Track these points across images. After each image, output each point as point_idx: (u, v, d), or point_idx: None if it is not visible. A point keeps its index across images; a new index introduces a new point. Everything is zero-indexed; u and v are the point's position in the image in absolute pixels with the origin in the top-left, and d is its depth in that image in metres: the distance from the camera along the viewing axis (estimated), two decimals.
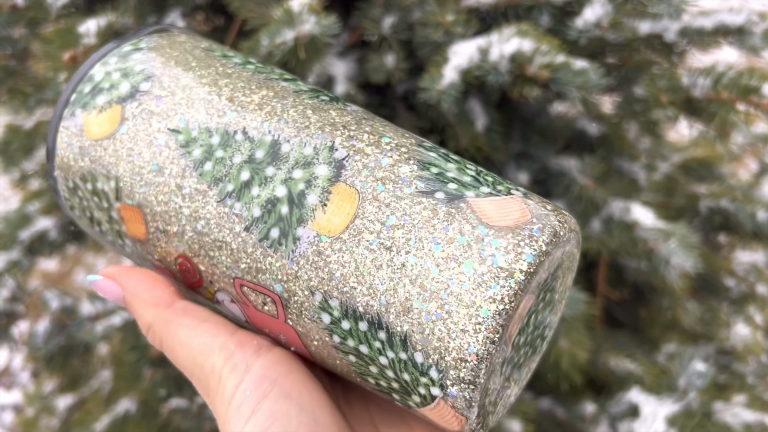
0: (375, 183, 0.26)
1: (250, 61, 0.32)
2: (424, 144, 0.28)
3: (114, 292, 0.30)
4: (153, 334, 0.29)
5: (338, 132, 0.28)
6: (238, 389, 0.26)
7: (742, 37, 0.64)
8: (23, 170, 0.89)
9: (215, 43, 0.34)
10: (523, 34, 0.51)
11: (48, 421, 1.04)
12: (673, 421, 0.61)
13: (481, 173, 0.27)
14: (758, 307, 0.85)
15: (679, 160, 0.87)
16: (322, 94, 0.30)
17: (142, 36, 0.33)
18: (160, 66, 0.31)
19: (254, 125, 0.28)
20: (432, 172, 0.26)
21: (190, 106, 0.29)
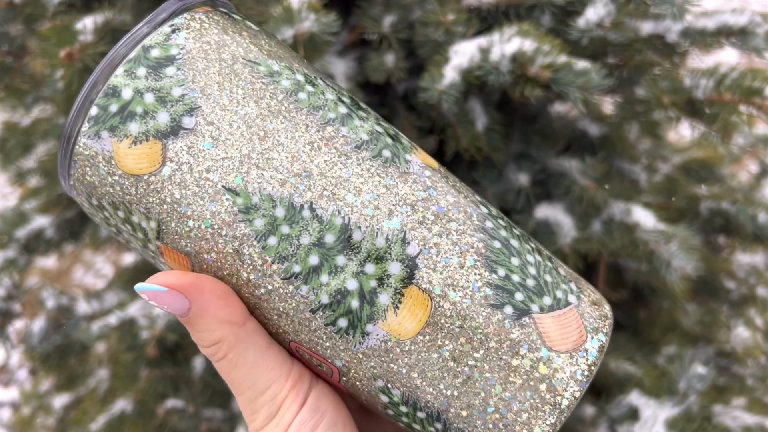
0: (447, 289, 0.27)
1: (302, 83, 0.28)
2: (488, 218, 0.29)
3: (179, 306, 0.27)
4: (218, 348, 0.28)
5: (408, 213, 0.27)
6: (295, 419, 0.28)
7: (744, 38, 0.63)
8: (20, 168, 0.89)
9: (262, 35, 0.30)
10: (524, 33, 0.50)
11: (45, 419, 1.04)
12: (673, 424, 0.60)
13: (540, 269, 0.28)
14: (758, 309, 0.84)
15: (679, 162, 0.87)
16: (382, 140, 0.29)
17: (171, 19, 0.28)
18: (204, 91, 0.27)
19: (322, 203, 0.27)
20: (499, 276, 0.27)
21: (246, 162, 0.27)
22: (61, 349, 0.77)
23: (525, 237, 0.30)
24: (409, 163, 0.28)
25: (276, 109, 0.27)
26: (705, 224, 0.78)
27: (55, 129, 0.77)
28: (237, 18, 0.30)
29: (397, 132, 0.30)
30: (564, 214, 0.62)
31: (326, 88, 0.29)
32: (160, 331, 0.68)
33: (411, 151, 0.29)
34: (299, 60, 0.30)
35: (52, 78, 0.66)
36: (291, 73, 0.28)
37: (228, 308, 0.27)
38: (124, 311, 0.72)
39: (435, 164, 0.30)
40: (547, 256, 0.30)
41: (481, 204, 0.29)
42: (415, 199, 0.27)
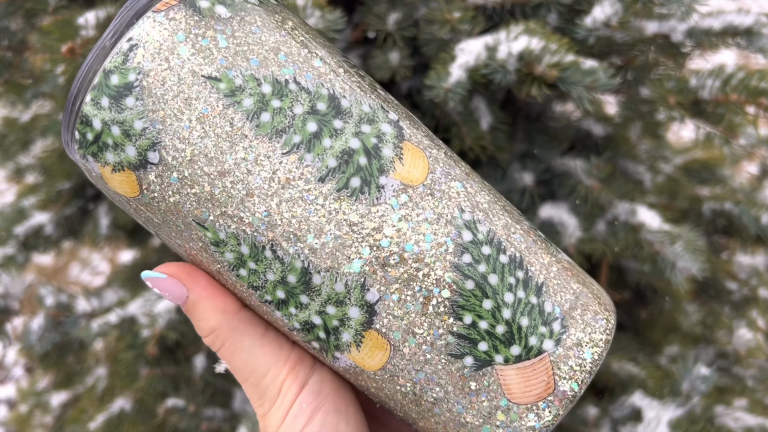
0: (407, 335, 0.27)
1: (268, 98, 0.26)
2: (468, 250, 0.27)
3: (178, 293, 0.29)
4: (215, 337, 0.29)
5: (370, 256, 0.27)
6: (296, 401, 0.29)
7: (750, 38, 0.63)
8: (19, 164, 0.88)
9: (233, 22, 0.27)
10: (531, 32, 0.50)
11: (42, 418, 1.03)
12: (676, 425, 0.60)
13: (517, 311, 0.27)
14: (760, 311, 0.84)
15: (681, 162, 0.87)
16: (354, 162, 0.27)
17: (132, 27, 0.26)
18: (164, 122, 0.26)
19: (283, 244, 0.27)
20: (464, 324, 0.26)
21: (209, 199, 0.27)
22: (60, 347, 0.76)
23: (515, 263, 0.27)
24: (382, 189, 0.26)
25: (237, 139, 0.26)
26: (707, 225, 0.78)
27: (54, 125, 0.77)
28: (204, 7, 0.27)
29: (385, 130, 0.28)
30: (568, 214, 0.62)
31: (299, 94, 0.27)
32: (161, 330, 0.67)
33: (390, 169, 0.27)
34: (278, 41, 0.27)
35: (52, 73, 0.65)
36: (256, 86, 0.26)
37: (221, 297, 0.29)
38: (124, 309, 0.72)
39: (419, 177, 0.27)
40: (537, 285, 0.27)
41: (467, 227, 0.27)
42: (381, 237, 0.26)
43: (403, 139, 0.28)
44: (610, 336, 0.28)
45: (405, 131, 0.28)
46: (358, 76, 0.29)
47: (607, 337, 0.28)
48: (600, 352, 0.27)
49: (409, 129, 0.28)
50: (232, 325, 0.29)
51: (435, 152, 0.28)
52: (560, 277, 0.28)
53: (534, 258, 0.28)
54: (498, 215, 0.28)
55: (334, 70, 0.28)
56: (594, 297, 0.29)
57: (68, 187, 0.79)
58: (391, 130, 0.28)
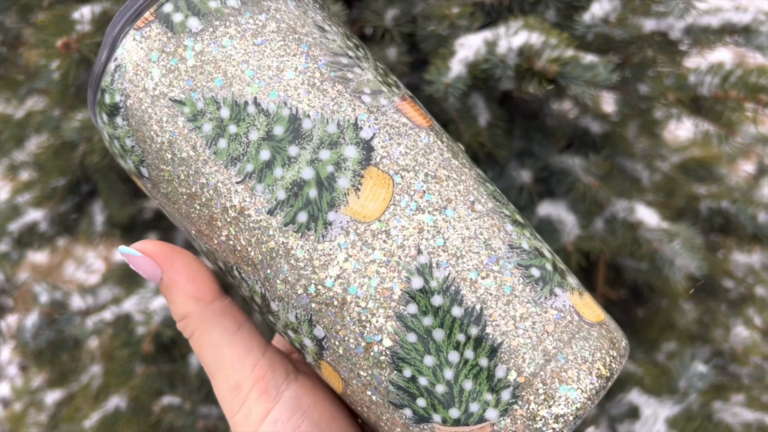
0: (352, 374, 0.26)
1: (225, 123, 0.26)
2: (413, 300, 0.24)
3: (151, 272, 0.28)
4: (185, 325, 0.28)
5: (314, 295, 0.25)
6: (268, 417, 0.26)
7: (748, 35, 0.63)
8: (13, 160, 0.87)
9: (204, 34, 0.26)
10: (530, 27, 0.50)
11: (36, 416, 1.02)
12: (673, 423, 0.60)
13: (460, 373, 0.24)
14: (757, 309, 0.84)
15: (678, 161, 0.87)
16: (303, 195, 0.26)
17: (117, 45, 0.27)
18: (144, 143, 0.27)
19: (234, 273, 0.27)
20: (404, 377, 0.24)
21: (185, 220, 0.28)
22: (54, 345, 0.76)
23: (470, 317, 0.24)
24: (329, 226, 0.25)
25: (200, 164, 0.26)
26: (704, 223, 0.78)
27: (49, 121, 0.76)
28: (176, 21, 0.26)
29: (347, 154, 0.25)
30: (567, 212, 0.61)
31: (256, 118, 0.25)
32: (156, 327, 0.67)
33: (341, 203, 0.25)
34: (248, 53, 0.26)
35: (47, 69, 0.65)
36: (215, 110, 0.26)
37: (195, 283, 0.27)
38: (119, 307, 0.71)
39: (374, 212, 0.25)
40: (492, 346, 0.24)
41: (419, 272, 0.24)
42: (326, 276, 0.25)
43: (369, 164, 0.25)
44: (583, 408, 0.24)
45: (376, 152, 0.25)
46: (340, 81, 0.26)
47: (575, 410, 0.24)
48: (560, 428, 0.24)
49: (383, 144, 0.26)
50: (204, 315, 0.27)
51: (411, 174, 0.25)
52: (533, 335, 0.24)
53: (502, 310, 0.24)
54: (477, 251, 0.25)
55: (309, 80, 0.26)
56: (575, 358, 0.24)
57: (63, 184, 0.79)
58: (356, 153, 0.25)
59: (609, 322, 0.27)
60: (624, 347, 0.26)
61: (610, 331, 0.26)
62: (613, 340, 0.26)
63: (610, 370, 0.25)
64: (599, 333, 0.26)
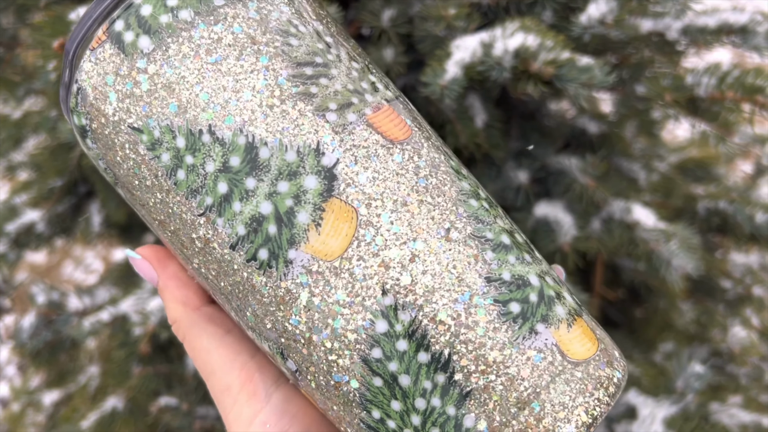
0: (327, 404, 0.25)
1: (182, 153, 0.24)
2: (378, 343, 0.23)
3: (149, 275, 0.29)
4: (177, 328, 0.29)
5: (280, 333, 0.24)
6: (257, 419, 0.26)
7: (745, 36, 0.63)
8: (11, 161, 0.87)
9: (158, 53, 0.25)
10: (527, 29, 0.50)
11: (34, 416, 1.02)
12: (671, 423, 0.60)
13: (428, 419, 0.23)
14: (755, 309, 0.84)
15: (675, 161, 0.87)
16: (262, 231, 0.24)
17: (78, 67, 0.25)
18: (113, 168, 0.26)
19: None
20: (373, 419, 0.24)
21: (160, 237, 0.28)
22: (52, 345, 0.75)
23: (437, 363, 0.23)
24: (290, 264, 0.23)
25: (163, 193, 0.25)
26: (702, 224, 0.78)
27: (46, 122, 0.76)
28: (127, 41, 0.25)
29: (308, 185, 0.24)
30: (564, 213, 0.61)
31: (212, 148, 0.24)
32: (153, 328, 0.67)
33: (301, 240, 0.23)
34: (202, 73, 0.24)
35: (44, 69, 0.65)
36: (171, 139, 0.24)
37: (184, 289, 0.29)
38: (116, 307, 0.71)
39: (336, 249, 0.23)
40: (460, 395, 0.22)
41: (383, 315, 0.23)
42: (291, 314, 0.24)
43: (330, 195, 0.23)
44: None
45: (339, 180, 0.24)
46: (302, 97, 0.24)
47: None
48: None
49: (348, 170, 0.24)
50: (192, 320, 0.28)
51: (378, 203, 0.24)
52: (505, 381, 0.23)
53: (473, 354, 0.23)
54: (449, 288, 0.23)
55: (267, 101, 0.24)
56: (552, 405, 0.23)
57: (60, 185, 0.79)
58: (317, 184, 0.23)
59: (601, 353, 0.25)
60: (617, 381, 0.24)
61: (599, 367, 0.24)
62: (601, 379, 0.24)
63: (593, 416, 0.23)
64: (584, 373, 0.24)
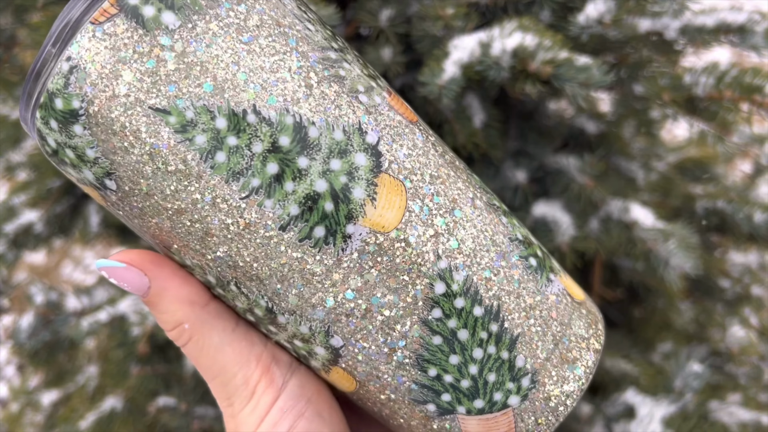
0: (369, 378, 0.26)
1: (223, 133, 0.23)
2: (438, 304, 0.25)
3: (138, 283, 0.26)
4: (179, 333, 0.27)
5: (332, 306, 0.24)
6: (275, 406, 0.26)
7: (743, 35, 0.63)
8: (9, 161, 0.87)
9: (183, 30, 0.23)
10: (525, 29, 0.50)
11: (33, 416, 1.02)
12: (669, 422, 0.60)
13: (485, 367, 0.25)
14: (753, 308, 0.84)
15: (674, 160, 0.87)
16: (318, 209, 0.24)
17: (72, 39, 0.23)
18: (115, 155, 0.23)
19: (247, 284, 0.25)
20: (429, 377, 0.25)
21: (167, 233, 0.25)
22: (50, 346, 0.75)
23: (490, 314, 0.25)
24: (349, 239, 0.24)
25: (192, 179, 0.23)
26: (700, 223, 0.78)
27: None
28: (148, 15, 0.23)
29: (359, 162, 0.24)
30: (562, 212, 0.61)
31: (259, 128, 0.23)
32: (151, 328, 0.67)
33: (359, 214, 0.24)
34: (238, 53, 0.23)
35: None
36: (209, 120, 0.23)
37: (189, 287, 0.26)
38: (114, 307, 0.71)
39: (392, 220, 0.24)
40: (512, 339, 0.25)
41: (440, 277, 0.24)
42: (347, 288, 0.24)
43: (380, 171, 0.24)
44: (586, 382, 0.26)
45: (384, 157, 0.24)
46: (335, 80, 0.24)
47: (581, 385, 0.26)
48: (571, 403, 0.26)
49: (389, 147, 0.25)
50: (201, 318, 0.26)
51: (418, 177, 0.25)
52: (542, 322, 0.26)
53: (515, 303, 0.25)
54: (487, 249, 0.25)
55: (305, 81, 0.24)
56: (576, 338, 0.26)
57: (58, 185, 0.79)
58: (366, 161, 0.24)
59: (586, 297, 0.29)
60: (601, 318, 0.29)
61: (590, 307, 0.28)
62: (596, 314, 0.28)
63: (601, 343, 0.27)
64: (587, 310, 0.28)
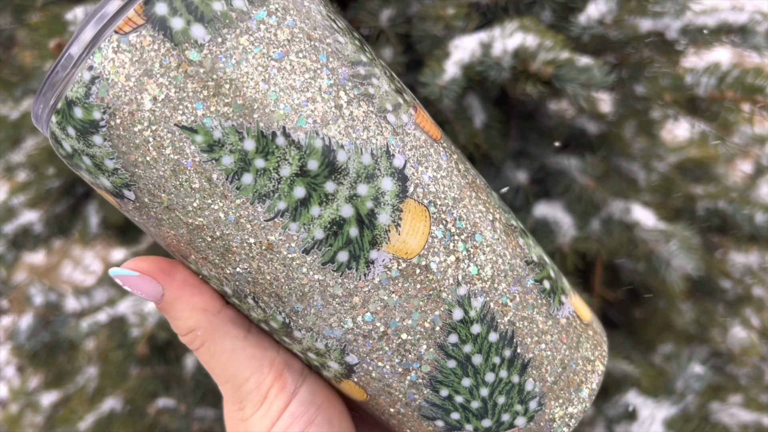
0: (380, 393, 0.26)
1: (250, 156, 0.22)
2: (455, 330, 0.25)
3: (152, 292, 0.26)
4: (193, 338, 0.27)
5: (351, 327, 0.25)
6: (286, 411, 0.27)
7: (744, 36, 0.63)
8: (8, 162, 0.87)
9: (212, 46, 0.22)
10: (526, 29, 0.49)
11: (32, 417, 1.02)
12: (671, 424, 0.60)
13: (495, 390, 0.25)
14: (754, 309, 0.84)
15: (675, 161, 0.87)
16: (343, 234, 0.24)
17: (94, 47, 0.22)
18: (136, 168, 0.23)
19: (264, 298, 0.25)
20: (440, 397, 0.26)
21: (185, 243, 0.25)
22: (49, 347, 0.75)
23: (504, 340, 0.25)
24: (372, 264, 0.24)
25: (216, 197, 0.23)
26: (701, 224, 0.77)
27: None
28: (176, 28, 0.22)
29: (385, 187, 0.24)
30: (563, 213, 0.61)
31: (287, 151, 0.22)
32: (151, 329, 0.66)
33: (383, 240, 0.24)
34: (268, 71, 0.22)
35: (41, 70, 0.64)
36: (237, 141, 0.22)
37: (201, 295, 0.26)
38: (114, 308, 0.71)
39: (415, 247, 0.24)
40: (523, 364, 0.26)
41: (459, 304, 0.24)
42: (366, 311, 0.24)
43: (406, 196, 0.24)
44: (589, 403, 0.27)
45: (410, 181, 0.24)
46: (364, 99, 0.24)
47: (584, 407, 0.27)
48: (574, 423, 0.27)
49: (414, 170, 0.24)
50: (214, 324, 0.27)
51: (442, 200, 0.24)
52: (552, 347, 0.26)
53: (528, 328, 0.26)
54: (505, 274, 0.25)
55: (335, 101, 0.23)
56: (582, 361, 0.27)
57: (58, 185, 0.78)
58: (393, 185, 0.24)
59: (593, 317, 0.29)
60: (605, 338, 0.29)
61: (596, 327, 0.29)
62: (601, 335, 0.28)
63: (604, 365, 0.28)
64: (594, 331, 0.28)
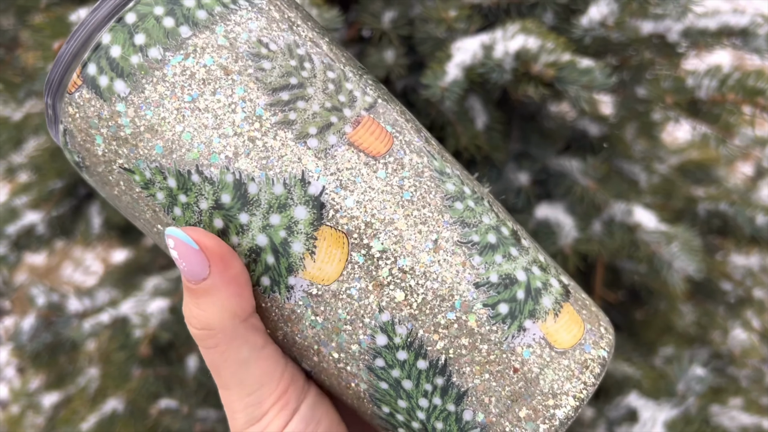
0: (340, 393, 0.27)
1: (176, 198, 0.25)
2: (380, 354, 0.25)
3: (196, 270, 0.24)
4: (208, 335, 0.25)
5: (296, 343, 0.26)
6: (286, 428, 0.26)
7: (745, 38, 0.63)
8: (11, 163, 0.87)
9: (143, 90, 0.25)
10: (527, 31, 0.50)
11: (34, 418, 1.02)
12: (671, 426, 0.60)
13: (431, 416, 0.25)
14: (755, 311, 0.84)
15: (676, 163, 0.87)
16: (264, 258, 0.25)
17: (58, 120, 0.26)
18: (110, 200, 0.28)
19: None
20: (384, 412, 0.26)
21: None
22: (51, 347, 0.75)
23: (435, 369, 0.24)
24: (291, 290, 0.25)
25: (161, 227, 0.26)
26: (702, 226, 0.78)
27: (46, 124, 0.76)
28: (103, 86, 0.25)
29: (298, 216, 0.24)
30: (564, 215, 0.61)
31: (202, 187, 0.25)
32: (153, 330, 0.67)
33: (299, 267, 0.24)
34: (181, 112, 0.24)
35: (44, 71, 0.65)
36: (162, 180, 0.25)
37: (239, 299, 0.25)
38: (116, 309, 0.71)
39: (332, 274, 0.24)
40: (458, 394, 0.24)
41: (382, 330, 0.24)
42: (298, 332, 0.25)
43: (321, 223, 0.24)
44: None
45: (327, 208, 0.24)
46: (282, 126, 0.24)
47: None
48: None
49: (335, 195, 0.24)
50: (237, 332, 0.25)
51: (365, 225, 0.24)
52: (499, 377, 0.24)
53: (467, 357, 0.24)
54: (441, 299, 0.24)
55: (248, 134, 0.24)
56: (542, 395, 0.24)
57: (60, 186, 0.79)
58: (306, 214, 0.24)
59: (588, 335, 0.26)
60: (603, 359, 0.26)
61: (584, 351, 0.25)
62: (587, 362, 0.25)
63: (580, 399, 0.25)
64: (571, 360, 0.25)
